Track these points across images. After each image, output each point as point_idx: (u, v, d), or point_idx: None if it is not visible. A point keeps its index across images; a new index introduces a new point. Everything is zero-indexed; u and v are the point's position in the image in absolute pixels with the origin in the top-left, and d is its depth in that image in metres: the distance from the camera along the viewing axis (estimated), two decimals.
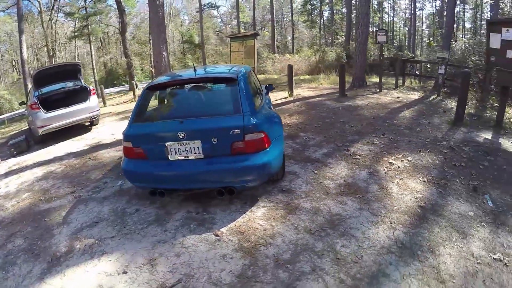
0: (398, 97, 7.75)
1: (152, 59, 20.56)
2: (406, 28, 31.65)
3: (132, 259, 2.44)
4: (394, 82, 9.79)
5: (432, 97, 7.52)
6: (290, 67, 8.55)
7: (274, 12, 26.15)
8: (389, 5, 31.77)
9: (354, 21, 18.22)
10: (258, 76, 10.24)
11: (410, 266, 2.16)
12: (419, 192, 3.16)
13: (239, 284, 2.06)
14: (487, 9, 22.92)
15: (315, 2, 29.13)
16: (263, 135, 2.70)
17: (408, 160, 3.92)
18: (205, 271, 2.23)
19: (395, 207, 2.89)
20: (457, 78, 7.52)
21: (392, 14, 32.92)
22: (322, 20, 29.89)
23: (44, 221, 3.19)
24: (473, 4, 25.94)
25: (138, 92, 12.01)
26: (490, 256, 2.30)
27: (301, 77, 13.39)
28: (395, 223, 2.65)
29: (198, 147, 2.71)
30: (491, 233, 2.56)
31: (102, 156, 5.03)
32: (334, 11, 27.54)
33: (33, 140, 6.26)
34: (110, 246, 2.63)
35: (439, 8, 28.61)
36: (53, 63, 20.30)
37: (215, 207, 3.01)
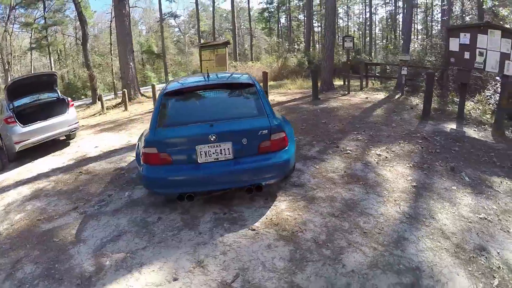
0: (366, 98, 8.69)
1: (113, 71, 19.94)
2: (360, 32, 34.67)
3: (178, 265, 2.48)
4: (358, 84, 10.89)
5: (397, 96, 8.58)
6: (265, 74, 9.13)
7: (235, 20, 26.97)
8: (343, 10, 34.52)
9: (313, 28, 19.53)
10: None
11: (421, 230, 2.73)
12: (409, 176, 3.82)
13: (293, 267, 2.37)
14: (437, 11, 25.96)
15: (272, 10, 30.59)
16: (284, 135, 3.07)
17: (392, 151, 4.60)
18: (257, 262, 2.44)
19: (394, 189, 3.49)
20: (417, 78, 8.71)
21: (346, 19, 35.84)
22: (279, 27, 31.45)
23: (53, 242, 3.03)
24: (424, 7, 29.12)
25: (107, 103, 11.71)
26: (477, 216, 2.97)
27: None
28: (398, 200, 3.24)
29: (228, 149, 2.92)
30: (472, 200, 3.27)
31: (94, 169, 4.98)
32: (292, 18, 29.17)
33: (7, 158, 5.97)
34: (146, 257, 2.61)
35: (391, 12, 31.98)
36: (9, 77, 18.75)
37: (239, 206, 3.23)
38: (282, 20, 32.64)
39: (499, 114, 5.28)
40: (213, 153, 2.93)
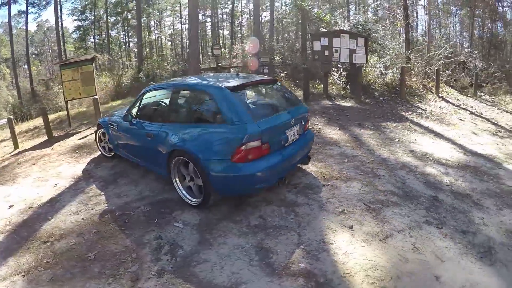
0: None
1: None
2: (170, 43, 37.87)
3: (337, 224, 3.29)
4: None
5: None
6: (96, 101, 9.53)
7: (61, 42, 23.48)
8: (155, 23, 36.56)
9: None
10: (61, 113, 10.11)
11: (388, 150, 5.33)
12: (343, 133, 6.38)
13: (377, 184, 4.08)
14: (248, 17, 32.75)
15: (87, 27, 30.23)
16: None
17: (316, 124, 7.08)
18: (359, 194, 3.82)
19: (348, 141, 5.92)
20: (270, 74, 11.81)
21: (159, 32, 38.17)
22: (95, 45, 30.99)
23: None
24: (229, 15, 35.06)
25: None
26: (395, 140, 5.96)
27: (113, 104, 13.58)
28: (359, 146, 5.68)
29: (297, 130, 3.79)
30: (380, 134, 6.28)
31: (66, 229, 3.58)
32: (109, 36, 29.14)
33: None
34: (319, 239, 3.07)
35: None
36: None
37: (292, 181, 4.15)
38: (96, 38, 32.23)
39: (357, 88, 8.96)
40: (292, 135, 3.72)
